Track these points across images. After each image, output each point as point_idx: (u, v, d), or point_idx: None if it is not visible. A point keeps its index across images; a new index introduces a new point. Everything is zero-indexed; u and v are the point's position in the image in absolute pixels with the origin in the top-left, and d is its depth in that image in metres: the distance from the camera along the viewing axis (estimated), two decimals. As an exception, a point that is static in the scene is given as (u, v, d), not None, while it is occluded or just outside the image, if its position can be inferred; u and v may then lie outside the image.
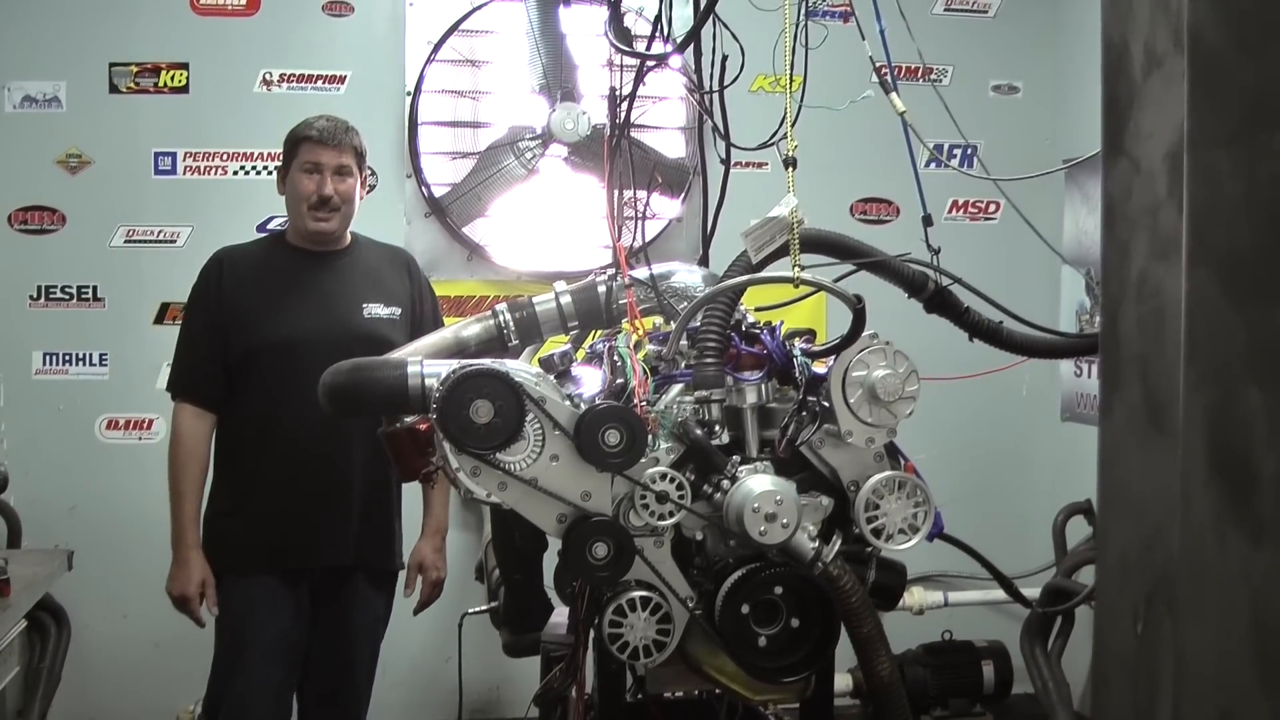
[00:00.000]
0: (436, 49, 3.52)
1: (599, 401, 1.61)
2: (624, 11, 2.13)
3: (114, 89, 3.49)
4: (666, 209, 3.55)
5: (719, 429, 1.58)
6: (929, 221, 1.89)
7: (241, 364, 2.49)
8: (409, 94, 3.54)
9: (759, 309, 1.84)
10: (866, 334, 1.58)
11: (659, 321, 1.93)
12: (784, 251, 1.62)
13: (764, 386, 1.61)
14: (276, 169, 2.63)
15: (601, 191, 2.50)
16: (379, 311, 2.54)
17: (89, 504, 3.48)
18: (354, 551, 2.53)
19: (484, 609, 2.71)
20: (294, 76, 3.57)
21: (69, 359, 3.51)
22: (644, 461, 1.53)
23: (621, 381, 1.65)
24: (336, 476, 2.49)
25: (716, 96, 2.09)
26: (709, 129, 2.15)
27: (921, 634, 3.61)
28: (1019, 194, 2.19)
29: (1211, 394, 0.83)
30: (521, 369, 1.57)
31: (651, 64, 2.06)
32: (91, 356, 3.51)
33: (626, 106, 2.08)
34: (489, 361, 1.56)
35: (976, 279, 1.84)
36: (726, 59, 2.07)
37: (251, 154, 3.53)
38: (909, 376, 1.57)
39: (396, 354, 1.89)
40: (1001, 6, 3.89)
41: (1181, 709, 0.86)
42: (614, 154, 2.09)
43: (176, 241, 3.51)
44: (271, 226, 3.33)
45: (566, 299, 1.97)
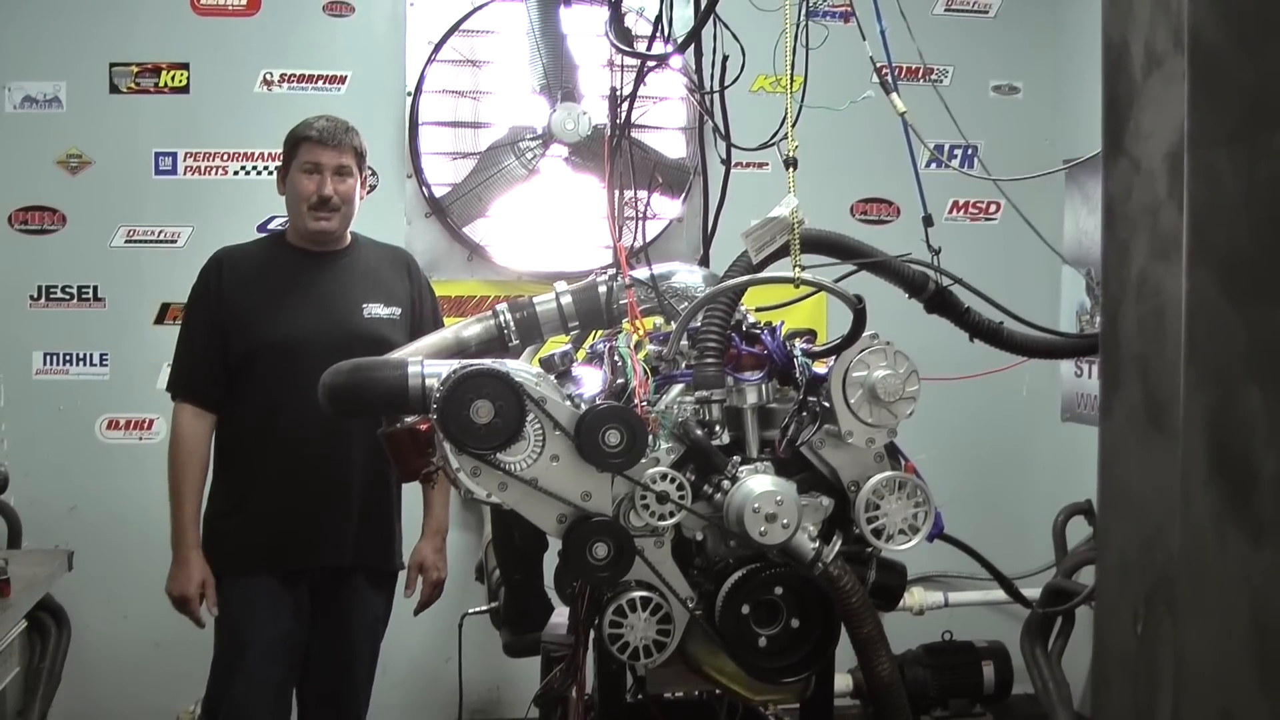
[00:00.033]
0: (437, 49, 3.52)
1: (599, 402, 1.61)
2: (624, 11, 2.13)
3: (114, 89, 3.49)
4: (667, 209, 3.55)
5: (719, 429, 1.58)
6: (929, 222, 1.89)
7: (241, 364, 2.49)
8: (409, 94, 3.54)
9: (759, 309, 1.84)
10: (867, 334, 1.58)
11: (659, 321, 1.93)
12: (784, 252, 1.62)
13: (764, 387, 1.61)
14: (276, 169, 2.63)
15: (602, 191, 2.51)
16: (379, 312, 2.54)
17: (89, 504, 3.47)
18: (353, 551, 2.53)
19: (484, 609, 2.71)
20: (294, 76, 3.57)
21: (69, 359, 3.51)
22: (644, 462, 1.53)
23: (622, 382, 1.65)
24: (336, 476, 2.49)
25: (717, 97, 2.09)
26: (709, 129, 2.15)
27: (921, 634, 3.61)
28: (1019, 194, 2.19)
29: (1211, 394, 0.83)
30: (522, 369, 1.57)
31: (652, 64, 2.06)
32: (92, 356, 3.51)
33: (627, 106, 2.08)
34: (489, 361, 1.56)
35: (976, 279, 1.84)
36: (727, 59, 2.07)
37: (252, 154, 3.53)
38: (909, 377, 1.57)
39: (397, 354, 1.89)
40: (1001, 6, 3.89)
41: (1181, 709, 0.86)
42: (614, 154, 2.09)
43: (177, 241, 3.51)
44: (272, 226, 3.33)
45: (567, 299, 1.97)
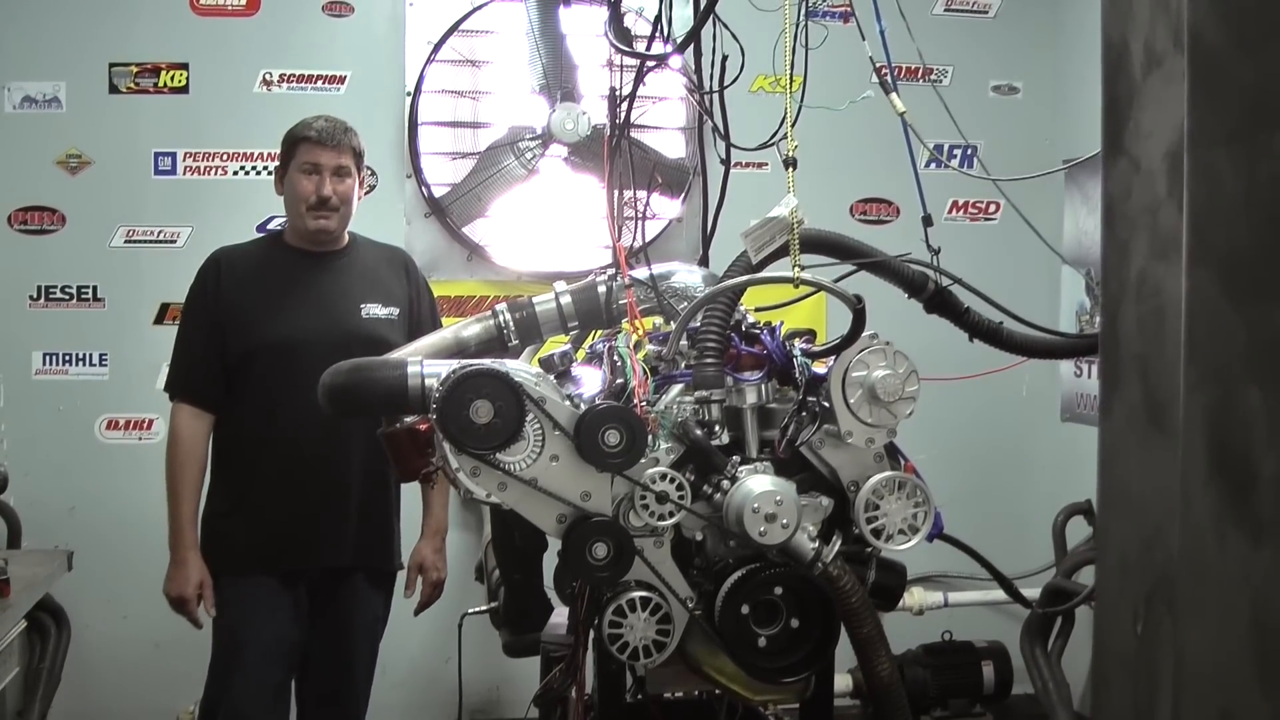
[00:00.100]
0: (436, 49, 3.51)
1: (599, 402, 1.61)
2: (624, 11, 2.13)
3: (114, 89, 3.49)
4: (666, 209, 3.55)
5: (719, 429, 1.58)
6: (929, 222, 1.89)
7: (240, 364, 2.49)
8: (409, 94, 3.54)
9: (759, 309, 1.84)
10: (866, 334, 1.58)
11: (659, 321, 1.93)
12: (784, 251, 1.62)
13: (764, 387, 1.61)
14: (274, 169, 2.62)
15: (601, 191, 2.50)
16: (377, 312, 2.54)
17: (89, 504, 3.47)
18: (352, 552, 2.53)
19: (484, 609, 2.71)
20: (294, 77, 3.56)
21: (69, 359, 3.50)
22: (644, 462, 1.53)
23: (621, 382, 1.65)
24: (335, 477, 2.49)
25: (716, 97, 2.09)
26: (709, 129, 2.15)
27: (921, 634, 3.60)
28: (1019, 194, 2.19)
29: (1211, 394, 0.83)
30: (521, 369, 1.57)
31: (651, 64, 2.06)
32: (91, 357, 3.51)
33: (626, 106, 2.08)
34: (489, 361, 1.56)
35: (976, 279, 1.83)
36: (726, 59, 2.07)
37: (251, 154, 3.53)
38: (909, 377, 1.57)
39: (396, 354, 1.88)
40: (1001, 6, 3.89)
41: (1181, 709, 0.86)
42: (614, 154, 2.09)
43: (176, 242, 3.51)
44: (271, 226, 3.33)
45: (566, 299, 1.97)
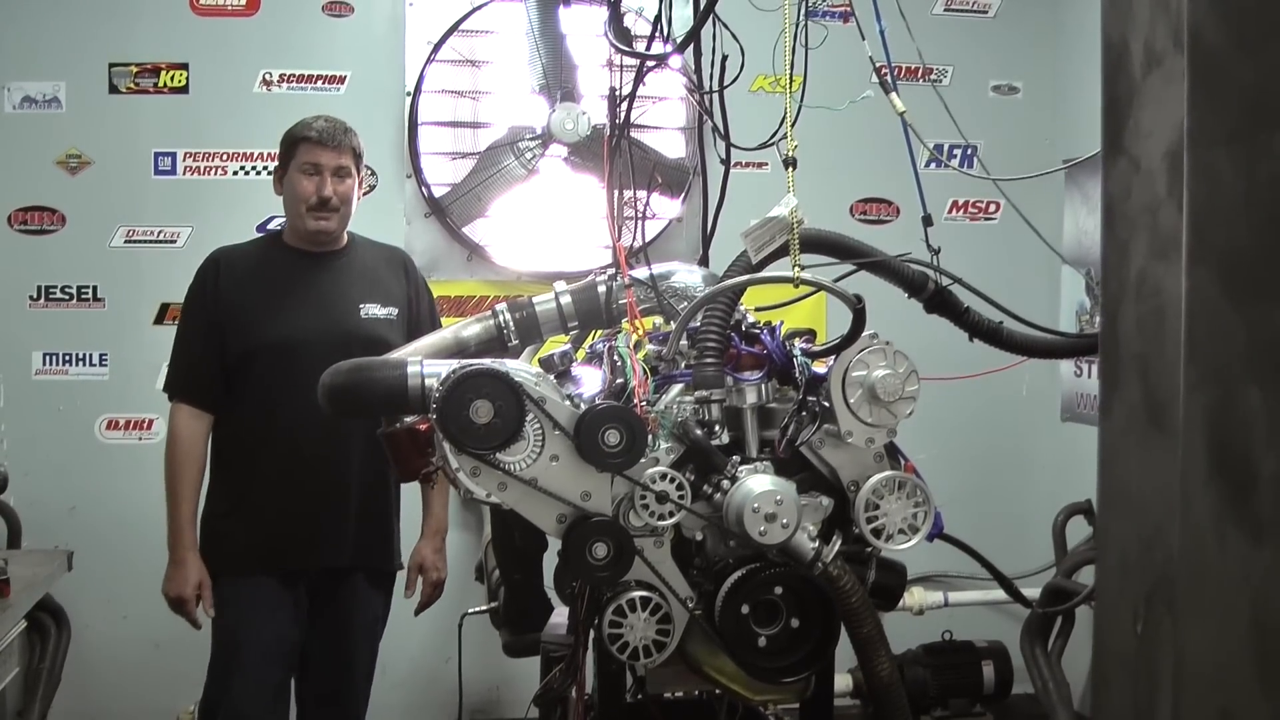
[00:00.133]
0: (436, 49, 3.51)
1: (599, 401, 1.61)
2: (624, 11, 2.13)
3: (114, 89, 3.49)
4: (666, 209, 3.55)
5: (719, 429, 1.58)
6: (929, 221, 1.89)
7: (239, 364, 2.49)
8: (409, 94, 3.54)
9: (759, 309, 1.84)
10: (866, 334, 1.58)
11: (659, 321, 1.93)
12: (784, 251, 1.62)
13: (764, 386, 1.61)
14: (273, 169, 2.61)
15: (601, 191, 2.50)
16: (376, 312, 2.54)
17: (89, 504, 3.47)
18: (352, 552, 2.52)
19: (484, 609, 2.71)
20: (294, 77, 3.56)
21: (69, 359, 3.50)
22: (644, 461, 1.53)
23: (621, 381, 1.64)
24: (334, 477, 2.48)
25: (716, 96, 2.09)
26: (709, 129, 2.15)
27: (921, 634, 3.60)
28: (1019, 194, 2.19)
29: (1211, 393, 0.83)
30: (521, 369, 1.56)
31: (651, 64, 2.06)
32: (91, 357, 3.51)
33: (626, 106, 2.08)
34: (489, 361, 1.56)
35: (976, 279, 1.83)
36: (726, 59, 2.07)
37: (251, 154, 3.53)
38: (909, 376, 1.57)
39: (396, 354, 1.88)
40: (1001, 6, 3.89)
41: (1181, 709, 0.86)
42: (614, 154, 2.09)
43: (176, 242, 3.51)
44: (271, 226, 3.33)
45: (566, 299, 1.97)
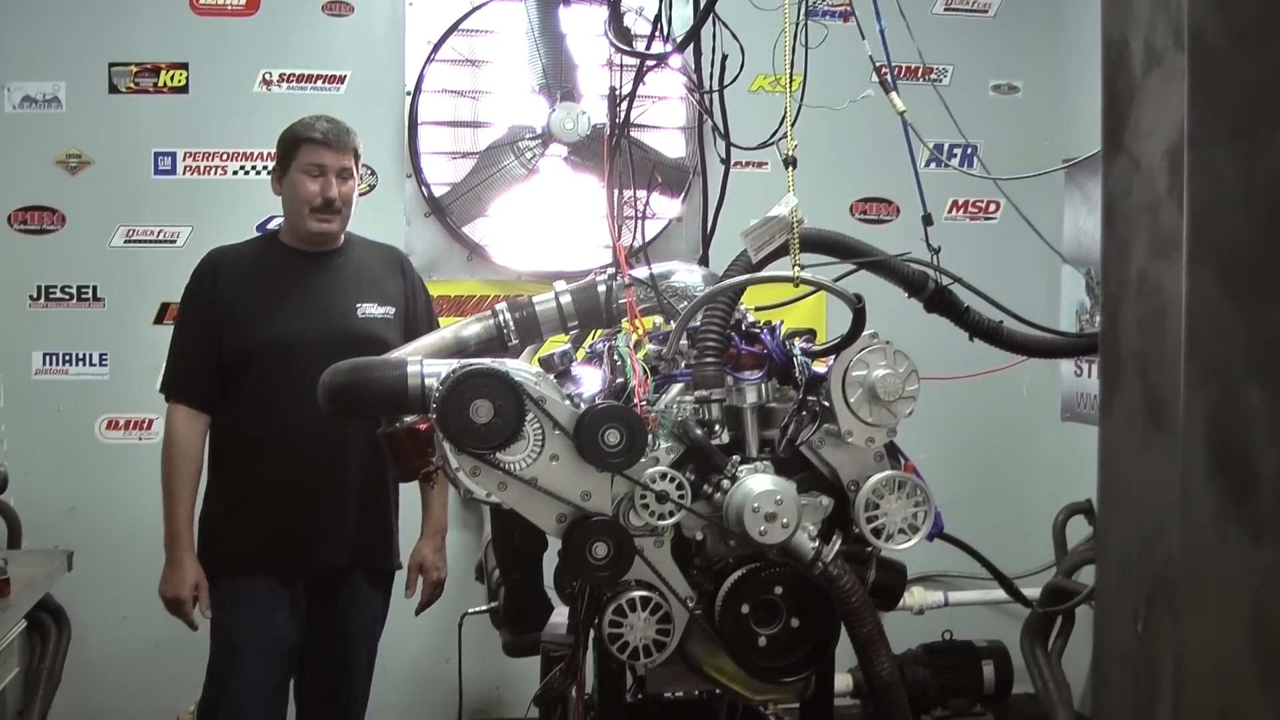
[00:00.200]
0: (436, 49, 3.51)
1: (599, 401, 1.61)
2: (624, 11, 2.12)
3: (114, 89, 3.49)
4: (666, 209, 3.55)
5: (719, 429, 1.58)
6: (929, 221, 1.89)
7: (236, 365, 2.48)
8: (409, 94, 3.54)
9: (759, 308, 1.84)
10: (866, 334, 1.58)
11: (659, 321, 1.93)
12: (784, 251, 1.62)
13: (764, 386, 1.61)
14: (272, 169, 2.60)
15: (601, 191, 2.50)
16: (373, 311, 2.53)
17: (89, 504, 3.47)
18: (351, 552, 2.52)
19: (484, 609, 2.71)
20: (294, 76, 3.56)
21: (69, 359, 3.50)
22: (644, 461, 1.53)
23: (621, 381, 1.64)
24: (332, 476, 2.48)
25: (716, 96, 2.09)
26: (709, 129, 2.15)
27: (922, 634, 3.60)
28: (1019, 194, 2.19)
29: (1212, 392, 0.83)
30: (521, 369, 1.56)
31: (651, 64, 2.06)
32: (91, 357, 3.51)
33: (626, 106, 2.08)
34: (489, 361, 1.56)
35: (976, 279, 1.83)
36: (726, 59, 2.06)
37: (251, 154, 3.53)
38: (909, 376, 1.57)
39: (396, 354, 1.88)
40: (1001, 6, 3.89)
41: (1181, 708, 0.86)
42: (614, 154, 2.09)
43: (176, 241, 3.51)
44: (271, 226, 3.33)
45: (566, 299, 1.97)
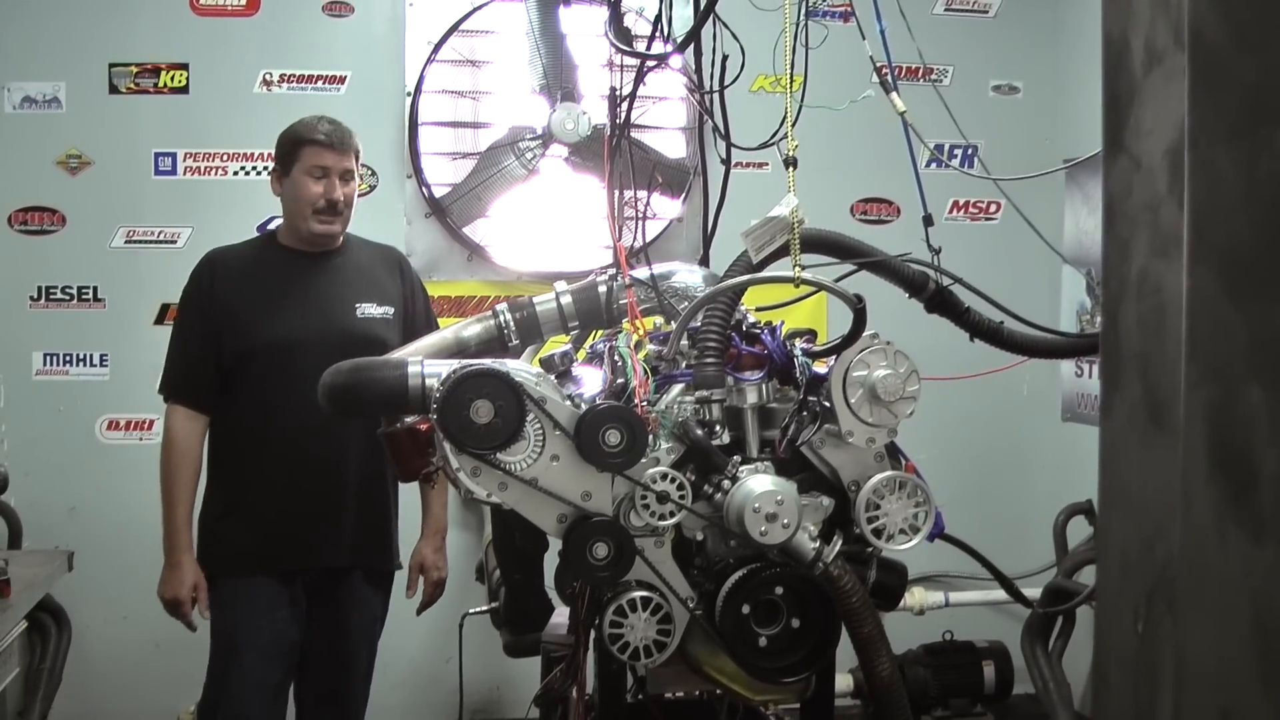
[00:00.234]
0: (436, 49, 3.51)
1: (599, 401, 1.61)
2: (624, 11, 2.13)
3: (114, 89, 3.49)
4: (667, 209, 3.55)
5: (719, 429, 1.58)
6: (929, 221, 1.89)
7: (235, 365, 2.48)
8: (409, 94, 3.54)
9: (759, 309, 1.83)
10: (867, 334, 1.58)
11: (659, 321, 1.93)
12: (784, 251, 1.62)
13: (764, 386, 1.61)
14: (272, 169, 2.60)
15: (602, 191, 2.50)
16: (372, 311, 2.53)
17: (89, 505, 3.47)
18: (350, 552, 2.52)
19: (484, 609, 2.71)
20: (294, 77, 3.56)
21: (69, 360, 3.50)
22: (644, 461, 1.53)
23: (622, 381, 1.65)
24: (332, 477, 2.48)
25: (717, 96, 2.09)
26: (709, 129, 2.15)
27: (922, 634, 3.60)
28: (1019, 194, 2.19)
29: (1212, 391, 0.83)
30: (522, 369, 1.56)
31: (651, 64, 2.06)
32: (92, 357, 3.51)
33: (627, 106, 2.08)
34: (489, 361, 1.56)
35: (977, 279, 1.83)
36: (726, 59, 2.07)
37: (251, 154, 3.52)
38: (909, 376, 1.57)
39: (396, 354, 1.89)
40: (1001, 6, 3.89)
41: (1182, 708, 0.86)
42: (614, 154, 2.09)
43: (176, 242, 3.51)
44: (272, 227, 3.33)
45: (567, 299, 1.97)
